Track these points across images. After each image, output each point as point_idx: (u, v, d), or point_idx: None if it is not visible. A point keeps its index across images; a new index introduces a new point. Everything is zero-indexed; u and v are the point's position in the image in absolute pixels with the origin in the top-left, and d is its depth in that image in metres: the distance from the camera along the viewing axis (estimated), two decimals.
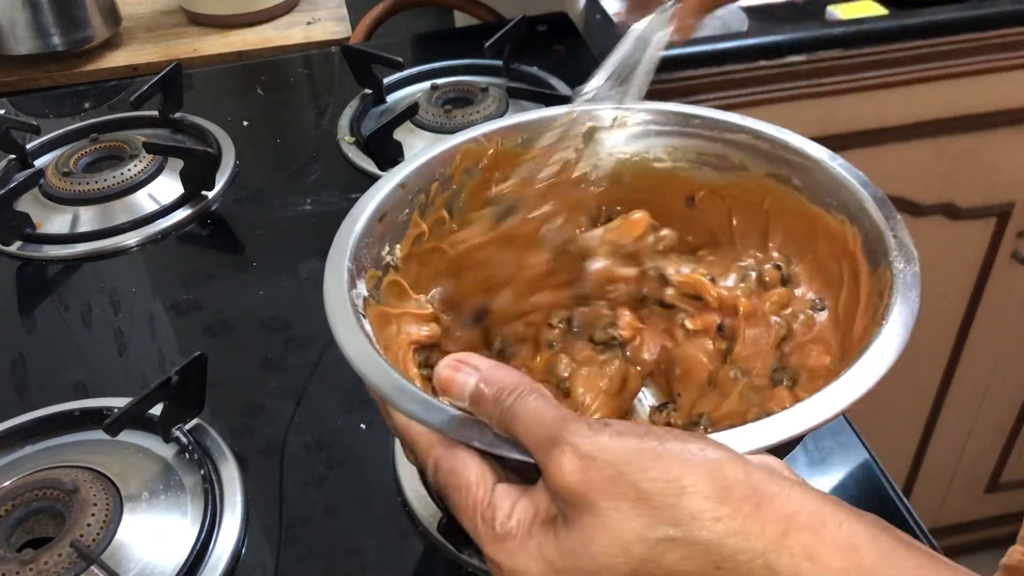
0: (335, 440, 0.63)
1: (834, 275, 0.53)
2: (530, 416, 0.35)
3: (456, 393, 0.37)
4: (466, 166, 0.56)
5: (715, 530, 0.31)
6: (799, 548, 0.31)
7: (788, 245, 0.56)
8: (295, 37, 1.14)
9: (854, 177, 0.51)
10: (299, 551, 0.57)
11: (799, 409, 0.39)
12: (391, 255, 0.53)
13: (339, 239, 0.50)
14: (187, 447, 0.60)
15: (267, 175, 0.92)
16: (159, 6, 1.22)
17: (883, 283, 0.45)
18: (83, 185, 0.85)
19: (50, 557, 0.52)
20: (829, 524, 0.31)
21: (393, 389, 0.40)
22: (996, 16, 1.12)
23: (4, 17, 1.06)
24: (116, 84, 1.08)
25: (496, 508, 0.35)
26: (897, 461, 1.56)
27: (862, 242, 0.49)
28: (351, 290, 0.47)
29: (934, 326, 1.39)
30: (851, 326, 0.49)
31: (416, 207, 0.54)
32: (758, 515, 0.31)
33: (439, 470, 0.37)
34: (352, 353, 0.43)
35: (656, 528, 0.32)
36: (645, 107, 0.57)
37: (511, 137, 0.57)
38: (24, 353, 0.73)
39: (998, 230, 1.30)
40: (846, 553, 0.31)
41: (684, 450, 0.32)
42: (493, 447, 0.37)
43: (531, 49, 1.02)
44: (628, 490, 0.32)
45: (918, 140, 1.19)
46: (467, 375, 0.37)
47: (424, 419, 0.38)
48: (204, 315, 0.75)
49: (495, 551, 0.35)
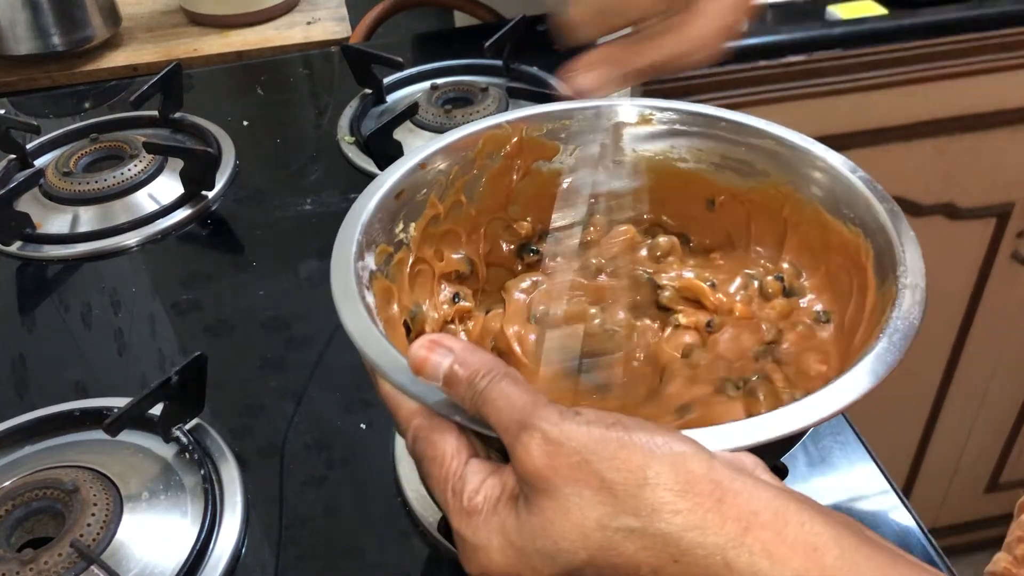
0: (335, 440, 0.63)
1: (844, 288, 0.53)
2: (501, 399, 0.35)
3: (429, 373, 0.37)
4: (488, 151, 0.56)
5: (674, 523, 0.31)
6: (759, 546, 0.31)
7: (802, 255, 0.56)
8: (295, 37, 1.14)
9: (872, 190, 0.51)
10: (299, 551, 0.57)
11: (775, 415, 0.38)
12: (405, 232, 0.53)
13: (353, 211, 0.50)
14: (187, 447, 0.60)
15: (267, 175, 0.92)
16: (159, 6, 1.22)
17: (887, 298, 0.45)
18: (83, 185, 0.85)
19: (50, 557, 0.52)
20: (791, 523, 0.31)
21: (384, 360, 0.41)
22: (996, 16, 1.12)
23: (4, 17, 1.06)
24: (116, 84, 1.08)
25: (466, 482, 0.36)
26: (897, 461, 1.56)
27: (874, 256, 0.49)
28: (358, 262, 0.47)
29: (934, 326, 1.39)
30: (852, 338, 0.49)
31: (435, 188, 0.54)
32: (719, 511, 0.31)
33: (417, 440, 0.38)
34: (347, 320, 0.43)
35: (616, 517, 0.32)
36: (672, 106, 0.57)
37: (536, 126, 0.57)
38: (24, 353, 0.73)
39: (998, 230, 1.30)
40: (806, 553, 0.31)
41: (650, 441, 0.32)
42: (474, 423, 0.37)
43: (531, 49, 1.02)
44: (591, 478, 0.32)
45: (918, 140, 1.19)
46: (441, 356, 0.37)
47: (411, 391, 0.39)
48: (204, 315, 0.75)
49: (460, 524, 0.35)
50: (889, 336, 0.42)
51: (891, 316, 0.43)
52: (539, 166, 0.58)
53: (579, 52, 0.53)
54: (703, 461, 0.32)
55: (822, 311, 0.54)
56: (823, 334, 0.53)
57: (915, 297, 0.44)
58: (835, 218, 0.53)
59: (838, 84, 1.13)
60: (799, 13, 1.16)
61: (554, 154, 0.58)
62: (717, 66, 1.06)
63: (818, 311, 0.54)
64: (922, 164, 1.21)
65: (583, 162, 0.55)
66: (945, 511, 1.63)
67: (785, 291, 0.55)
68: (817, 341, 0.52)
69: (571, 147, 0.57)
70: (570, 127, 0.56)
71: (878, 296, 0.47)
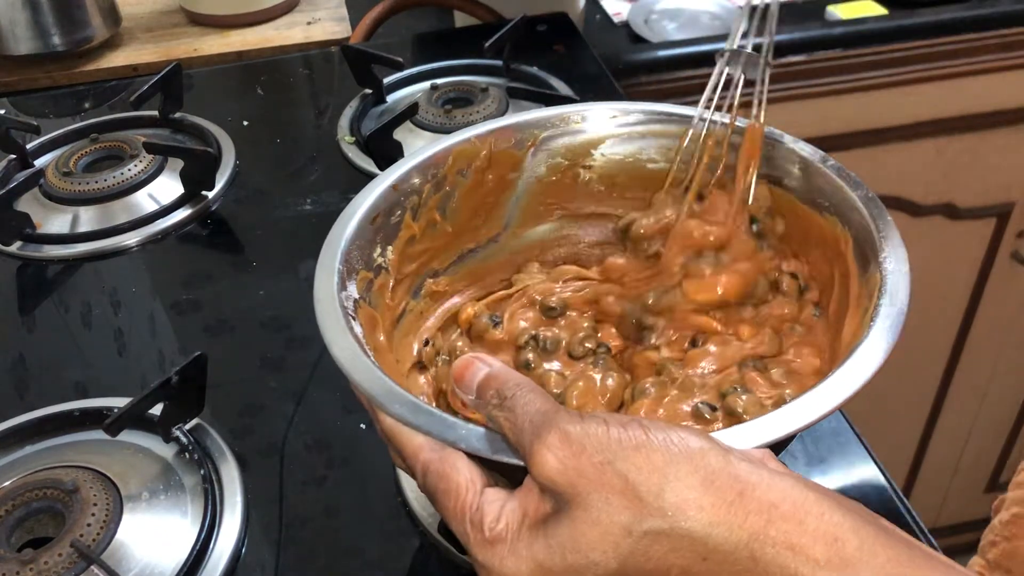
0: (335, 440, 0.63)
1: (827, 278, 0.53)
2: (525, 406, 0.36)
3: (467, 381, 0.38)
4: (459, 167, 0.56)
5: (700, 519, 0.31)
6: (782, 538, 0.31)
7: (785, 248, 0.56)
8: (295, 37, 1.14)
9: (845, 179, 0.51)
10: (299, 551, 0.57)
11: (782, 412, 0.38)
12: (383, 257, 0.53)
13: (330, 240, 0.50)
14: (187, 447, 0.60)
15: (267, 175, 0.92)
16: (159, 6, 1.22)
17: (872, 285, 0.45)
18: (83, 185, 0.85)
19: (50, 557, 0.52)
20: (811, 513, 0.31)
21: (381, 392, 0.40)
22: (996, 16, 1.13)
23: (4, 17, 1.06)
24: (116, 84, 1.08)
25: (484, 512, 0.35)
26: (897, 461, 1.56)
27: (852, 243, 0.49)
28: (341, 292, 0.47)
29: (934, 326, 1.39)
30: (840, 328, 0.49)
31: (408, 208, 0.54)
32: (740, 504, 0.31)
33: (428, 474, 0.38)
34: (340, 355, 0.43)
35: (643, 520, 0.32)
36: (639, 108, 0.57)
37: (504, 138, 0.57)
38: (24, 353, 0.73)
39: (998, 230, 1.30)
40: (827, 543, 0.31)
41: (667, 439, 0.33)
42: (478, 450, 0.37)
43: (531, 49, 1.02)
44: (616, 480, 0.32)
45: (918, 140, 1.19)
46: (480, 368, 0.38)
47: (412, 422, 0.38)
48: (204, 315, 0.75)
49: (485, 555, 0.35)
50: (880, 323, 0.42)
51: (879, 303, 0.43)
52: (511, 177, 0.58)
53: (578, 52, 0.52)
54: (720, 456, 0.33)
55: (815, 303, 0.54)
56: (817, 328, 0.53)
57: (900, 282, 0.44)
58: (811, 208, 0.53)
59: (838, 84, 1.13)
60: (799, 13, 1.16)
61: (521, 163, 0.58)
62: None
63: (813, 303, 0.54)
64: (922, 164, 1.21)
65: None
66: (945, 511, 1.63)
67: (801, 289, 0.54)
68: (811, 336, 0.52)
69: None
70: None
71: (862, 283, 0.47)
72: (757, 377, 0.49)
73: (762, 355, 0.52)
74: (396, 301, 0.54)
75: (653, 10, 1.22)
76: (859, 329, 0.44)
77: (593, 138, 0.57)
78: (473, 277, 0.59)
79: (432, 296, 0.57)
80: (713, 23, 1.21)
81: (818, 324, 0.53)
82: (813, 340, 0.52)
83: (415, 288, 0.56)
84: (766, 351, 0.52)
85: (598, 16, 1.22)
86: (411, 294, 0.56)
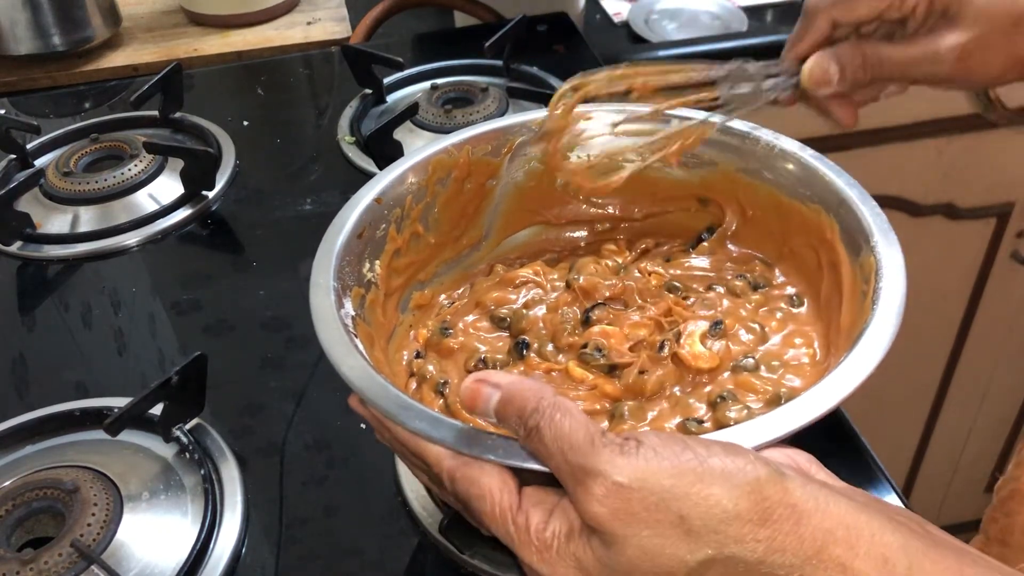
0: (335, 440, 0.63)
1: (812, 267, 0.53)
2: (557, 440, 0.34)
3: (481, 410, 0.37)
4: (439, 176, 0.56)
5: (756, 551, 0.32)
6: (834, 563, 0.32)
7: (764, 242, 0.56)
8: (295, 37, 1.14)
9: (826, 166, 0.51)
10: (299, 551, 0.57)
11: (797, 404, 0.39)
12: (372, 272, 0.53)
13: (321, 258, 0.49)
14: (187, 447, 0.60)
15: (267, 175, 0.92)
16: (159, 6, 1.22)
17: (867, 270, 0.45)
18: (83, 185, 0.85)
19: (50, 557, 0.52)
20: (863, 536, 0.32)
21: (398, 408, 0.40)
22: None
23: (4, 17, 1.06)
24: (116, 84, 1.08)
25: (529, 515, 0.35)
26: (897, 461, 1.56)
27: (839, 230, 0.49)
28: (340, 310, 0.46)
29: (934, 326, 1.39)
30: (835, 317, 0.49)
31: (392, 221, 0.54)
32: (796, 533, 0.32)
33: (456, 481, 0.37)
34: (351, 374, 0.42)
35: (698, 551, 0.32)
36: (613, 108, 0.57)
37: (481, 146, 0.57)
38: (24, 353, 0.73)
39: (998, 230, 1.30)
40: (877, 565, 0.32)
41: (725, 470, 0.33)
42: (510, 462, 0.36)
43: (531, 49, 1.02)
44: (669, 515, 0.32)
45: (918, 140, 1.19)
46: (490, 393, 0.37)
47: (433, 436, 0.38)
48: (204, 315, 0.75)
49: (533, 558, 0.35)
50: (883, 305, 0.42)
51: (878, 286, 0.43)
52: (489, 184, 0.58)
53: (579, 52, 0.53)
54: (778, 485, 0.33)
55: (795, 295, 0.54)
56: (800, 317, 0.53)
57: (896, 263, 0.44)
58: (792, 199, 0.53)
59: None
60: (799, 13, 1.16)
61: (499, 170, 0.58)
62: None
63: (791, 295, 0.55)
64: (922, 164, 1.21)
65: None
66: (945, 511, 1.63)
67: (752, 286, 0.55)
68: (796, 326, 0.52)
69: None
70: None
71: (855, 268, 0.47)
72: (750, 378, 0.49)
73: (748, 353, 0.51)
74: (388, 318, 0.54)
75: (653, 10, 1.22)
76: (858, 314, 0.44)
77: (568, 141, 0.57)
78: (456, 285, 0.60)
79: (419, 308, 0.58)
80: (713, 23, 1.21)
81: (802, 316, 0.53)
82: (803, 332, 0.52)
83: (403, 301, 0.57)
84: (750, 350, 0.51)
85: (598, 16, 1.22)
86: (400, 308, 0.56)
